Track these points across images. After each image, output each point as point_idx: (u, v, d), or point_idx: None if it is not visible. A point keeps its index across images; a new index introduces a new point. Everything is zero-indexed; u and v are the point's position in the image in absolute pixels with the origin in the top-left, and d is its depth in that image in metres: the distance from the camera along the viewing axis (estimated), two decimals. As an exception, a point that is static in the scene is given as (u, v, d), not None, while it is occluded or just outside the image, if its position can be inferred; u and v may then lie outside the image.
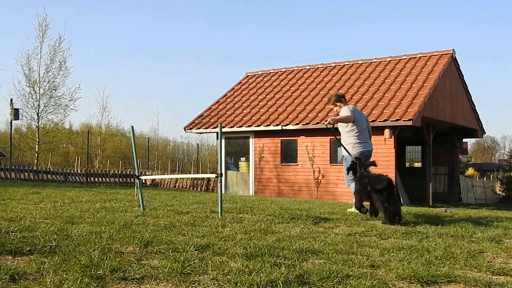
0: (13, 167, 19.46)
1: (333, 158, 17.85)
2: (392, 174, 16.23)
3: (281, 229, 5.70)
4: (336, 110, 8.74)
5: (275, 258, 3.85)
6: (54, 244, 3.99)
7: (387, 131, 16.20)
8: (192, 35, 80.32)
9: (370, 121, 16.06)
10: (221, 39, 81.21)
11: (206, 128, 20.21)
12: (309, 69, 22.52)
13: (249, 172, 19.63)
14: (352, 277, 3.40)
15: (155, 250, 4.04)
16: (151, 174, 26.91)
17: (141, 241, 4.36)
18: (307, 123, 17.82)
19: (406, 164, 24.82)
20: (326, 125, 8.03)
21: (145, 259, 3.74)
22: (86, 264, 3.30)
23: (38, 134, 26.32)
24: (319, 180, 17.85)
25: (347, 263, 3.87)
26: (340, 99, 8.70)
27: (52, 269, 3.17)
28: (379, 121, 16.24)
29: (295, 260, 3.84)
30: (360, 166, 7.46)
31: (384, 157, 16.25)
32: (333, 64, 21.97)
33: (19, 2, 68.87)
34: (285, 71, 23.20)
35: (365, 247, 4.64)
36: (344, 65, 21.60)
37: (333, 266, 3.64)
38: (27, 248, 3.80)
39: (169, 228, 5.43)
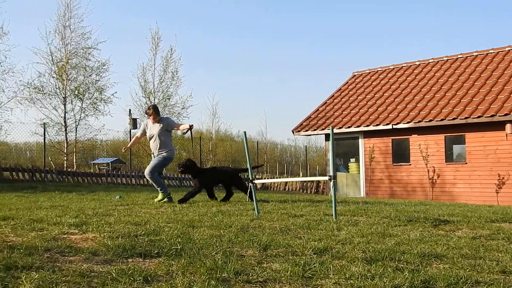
0: (133, 174, 20.62)
1: (449, 157, 17.12)
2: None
3: (399, 232, 5.57)
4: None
5: (396, 263, 3.78)
6: (179, 247, 4.19)
7: (508, 126, 15.26)
8: (297, 35, 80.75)
9: (489, 116, 15.31)
10: (326, 40, 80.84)
11: (314, 130, 20.20)
12: (419, 64, 21.77)
13: (359, 173, 19.35)
14: (482, 284, 3.25)
15: (274, 254, 4.11)
16: (261, 178, 27.32)
17: (259, 245, 4.46)
18: (419, 121, 17.24)
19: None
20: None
21: (265, 262, 3.81)
22: (211, 267, 3.43)
23: (154, 142, 27.70)
24: (434, 180, 17.19)
25: (475, 268, 3.70)
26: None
27: (181, 271, 3.33)
28: (499, 116, 15.34)
29: (418, 265, 3.74)
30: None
31: (506, 154, 15.34)
32: (445, 58, 21.06)
33: (131, 19, 73.03)
34: (393, 68, 22.61)
35: (493, 251, 4.41)
36: (457, 58, 20.63)
37: (460, 272, 3.51)
38: (155, 251, 4.02)
39: (285, 232, 5.49)
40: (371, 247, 4.44)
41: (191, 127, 9.62)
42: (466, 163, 16.52)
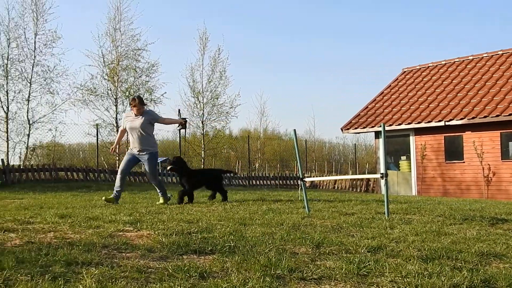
0: (183, 173, 20.90)
1: (505, 154, 16.58)
2: None
3: (454, 231, 5.44)
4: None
5: (454, 261, 3.69)
6: (232, 244, 4.22)
7: None
8: (344, 32, 79.96)
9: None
10: (375, 35, 79.70)
11: (364, 127, 19.96)
12: (472, 59, 21.16)
13: (410, 171, 18.99)
14: (547, 284, 3.13)
15: (327, 251, 4.08)
16: (310, 176, 27.22)
17: (312, 242, 4.44)
18: (473, 117, 16.77)
19: None
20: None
21: (319, 260, 3.79)
22: (265, 264, 3.44)
23: (203, 141, 28.02)
24: (489, 178, 16.69)
25: (539, 268, 3.57)
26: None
27: (235, 268, 3.35)
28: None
29: (477, 264, 3.64)
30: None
31: None
32: (500, 52, 20.40)
33: (179, 20, 74.09)
34: (445, 63, 22.07)
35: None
36: (512, 52, 19.96)
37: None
38: (209, 248, 4.06)
39: (336, 230, 5.45)
40: (426, 245, 4.35)
41: (184, 121, 9.08)
42: (524, 160, 15.99)
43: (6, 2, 25.84)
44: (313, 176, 27.13)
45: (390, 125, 18.93)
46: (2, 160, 16.05)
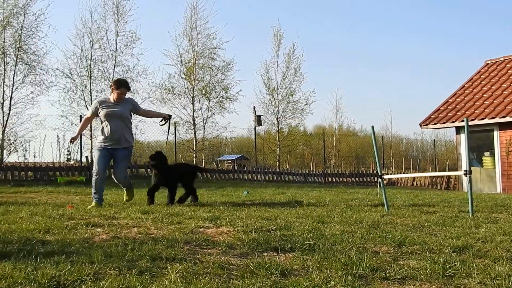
0: (259, 170, 21.09)
1: None
2: None
3: (546, 231, 5.15)
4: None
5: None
6: (311, 242, 4.21)
7: None
8: (421, 26, 77.64)
9: None
10: (454, 29, 76.78)
11: (444, 123, 19.28)
12: (562, 49, 19.93)
13: (494, 168, 18.15)
14: None
15: (409, 251, 3.98)
16: (386, 173, 26.68)
17: (393, 241, 4.34)
18: (562, 111, 15.81)
19: None
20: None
21: (401, 259, 3.70)
22: (346, 263, 3.40)
23: (278, 138, 28.12)
24: None
25: None
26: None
27: (316, 266, 3.33)
28: None
29: None
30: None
31: None
32: None
33: (253, 17, 74.61)
34: (532, 54, 20.93)
35: None
36: None
37: None
38: (288, 246, 4.06)
39: (418, 228, 5.31)
40: (516, 246, 4.15)
41: (169, 117, 8.04)
42: None
43: (90, 5, 27.08)
44: (390, 173, 26.56)
45: (472, 120, 18.17)
46: (87, 157, 16.83)
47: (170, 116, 7.96)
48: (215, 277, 3.05)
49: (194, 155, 25.16)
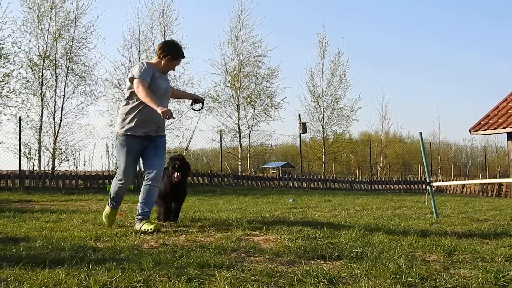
0: (304, 177, 21.01)
1: None
2: None
3: None
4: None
5: None
6: (359, 250, 4.17)
7: None
8: (475, 31, 75.86)
9: None
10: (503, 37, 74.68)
11: (494, 128, 18.75)
12: None
13: (548, 175, 17.53)
14: None
15: (460, 259, 3.90)
16: (435, 180, 26.11)
17: (443, 250, 4.26)
18: None
19: None
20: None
21: (451, 268, 3.63)
22: (395, 271, 3.35)
23: (323, 145, 27.97)
24: None
25: None
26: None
27: (364, 274, 3.30)
28: None
29: None
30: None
31: None
32: None
33: (298, 23, 74.57)
34: None
35: None
36: None
37: None
38: (335, 254, 4.03)
39: (469, 237, 5.19)
40: None
41: (203, 100, 6.55)
42: None
43: (137, 16, 27.62)
44: (438, 180, 25.96)
45: (525, 125, 17.61)
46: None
47: (203, 99, 6.57)
48: (263, 284, 3.07)
49: (240, 162, 25.29)
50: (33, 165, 19.24)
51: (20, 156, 17.45)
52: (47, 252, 3.91)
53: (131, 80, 5.32)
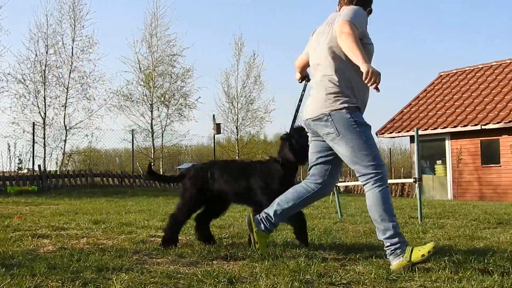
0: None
1: (544, 157, 16.16)
2: None
3: (488, 235, 5.35)
4: None
5: (485, 265, 3.61)
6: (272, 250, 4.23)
7: None
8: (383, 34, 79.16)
9: None
10: (410, 41, 78.63)
11: (399, 132, 19.73)
12: (510, 62, 20.69)
13: (446, 176, 18.67)
14: None
15: (357, 256, 4.06)
16: (344, 181, 27.03)
17: (343, 247, 4.42)
18: (510, 121, 16.40)
19: None
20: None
21: (348, 264, 3.78)
22: (294, 269, 3.44)
23: (237, 146, 28.15)
24: (527, 182, 16.28)
25: None
26: None
27: (264, 273, 3.36)
28: None
29: (509, 268, 3.56)
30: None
31: None
32: (538, 54, 19.90)
33: (215, 25, 74.66)
34: (482, 67, 21.64)
35: None
36: (551, 53, 19.44)
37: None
38: (239, 254, 4.07)
39: (368, 234, 5.42)
40: (457, 250, 4.29)
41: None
42: None
43: (45, 9, 26.48)
44: (348, 181, 26.90)
45: (426, 129, 18.67)
46: (39, 166, 16.42)
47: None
48: (162, 286, 3.04)
49: (152, 163, 24.90)
50: None
51: None
52: None
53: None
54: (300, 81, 4.53)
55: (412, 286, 3.14)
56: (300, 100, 4.44)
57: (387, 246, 3.63)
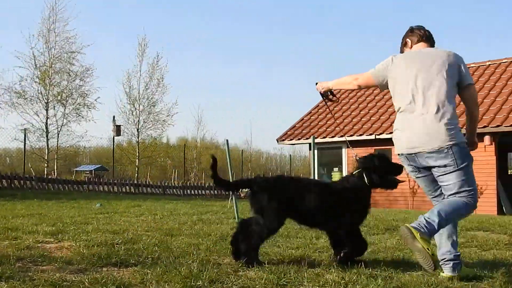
0: (115, 181, 20.48)
1: (430, 167, 17.28)
2: (493, 182, 15.45)
3: (376, 241, 5.61)
4: None
5: (371, 270, 3.78)
6: (156, 256, 4.17)
7: (487, 138, 15.45)
8: (280, 44, 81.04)
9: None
10: (314, 47, 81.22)
11: (299, 139, 20.25)
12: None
13: (342, 183, 19.41)
14: (453, 291, 3.28)
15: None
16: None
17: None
18: (401, 131, 17.36)
19: (509, 171, 23.45)
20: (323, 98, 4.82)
21: (241, 270, 3.80)
22: (186, 275, 3.41)
23: (138, 149, 27.60)
24: (414, 190, 17.27)
25: (447, 276, 3.74)
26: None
27: (155, 280, 3.30)
28: (478, 128, 15.51)
29: (392, 272, 3.75)
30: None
31: (484, 165, 15.49)
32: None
33: (119, 23, 72.81)
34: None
35: (465, 258, 4.44)
36: (439, 70, 20.83)
37: (432, 278, 3.53)
38: (131, 260, 3.97)
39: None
40: (348, 255, 4.45)
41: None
42: (447, 173, 16.66)
43: None
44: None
45: (324, 137, 19.30)
46: None
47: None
48: (45, 295, 2.90)
49: (46, 164, 23.77)
50: None
51: None
52: None
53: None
54: (329, 95, 4.69)
55: (301, 291, 3.22)
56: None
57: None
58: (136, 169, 27.91)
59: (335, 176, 19.85)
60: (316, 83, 4.59)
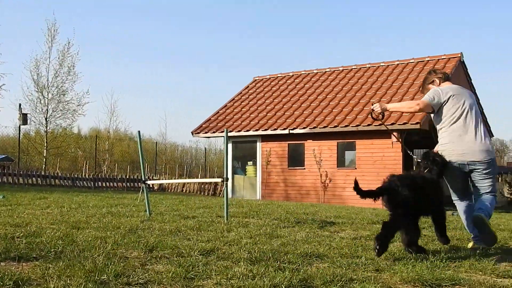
0: (21, 172, 19.56)
1: (341, 162, 17.82)
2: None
3: (286, 233, 5.71)
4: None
5: (279, 263, 3.85)
6: (59, 249, 4.02)
7: (394, 135, 16.18)
8: (197, 38, 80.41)
9: (378, 125, 16.05)
10: (227, 43, 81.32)
11: (214, 132, 20.25)
12: (317, 73, 22.49)
13: (256, 176, 19.62)
14: (356, 281, 3.40)
15: (159, 255, 4.05)
16: (159, 179, 26.95)
17: (146, 246, 4.38)
18: (314, 127, 17.80)
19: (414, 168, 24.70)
20: (372, 114, 5.47)
21: (149, 264, 3.75)
22: (91, 269, 3.31)
23: (46, 139, 26.46)
24: (326, 184, 17.81)
25: (351, 267, 3.87)
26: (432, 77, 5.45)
27: (56, 275, 3.18)
28: (387, 124, 16.21)
29: (299, 264, 3.84)
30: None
31: (391, 161, 16.21)
32: (341, 68, 21.94)
33: (28, 5, 69.17)
34: (293, 75, 23.19)
35: (370, 251, 4.63)
36: (352, 69, 21.55)
37: (337, 270, 3.64)
38: (33, 254, 3.81)
39: (174, 233, 5.44)
40: (257, 247, 4.51)
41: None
42: (355, 168, 17.28)
43: None
44: (162, 179, 26.88)
45: (239, 131, 19.42)
46: None
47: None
48: None
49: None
50: None
51: None
52: None
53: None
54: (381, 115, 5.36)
55: (208, 284, 3.21)
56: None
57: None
58: (44, 160, 26.76)
59: (249, 170, 20.06)
60: (373, 103, 5.40)
